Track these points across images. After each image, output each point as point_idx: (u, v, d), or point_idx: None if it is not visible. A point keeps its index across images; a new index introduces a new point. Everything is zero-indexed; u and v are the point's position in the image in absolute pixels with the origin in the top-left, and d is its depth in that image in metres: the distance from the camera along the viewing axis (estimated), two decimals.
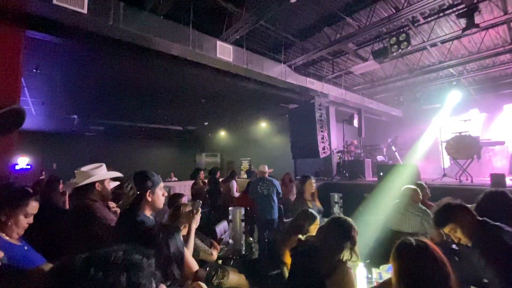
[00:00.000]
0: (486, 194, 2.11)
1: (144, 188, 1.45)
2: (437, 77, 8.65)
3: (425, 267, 1.06)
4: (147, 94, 7.93)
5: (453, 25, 5.58)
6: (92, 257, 0.49)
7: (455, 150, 6.16)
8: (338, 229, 1.63)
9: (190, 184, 8.62)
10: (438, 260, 1.07)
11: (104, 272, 0.46)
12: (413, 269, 1.08)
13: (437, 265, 1.06)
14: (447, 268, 1.05)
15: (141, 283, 0.49)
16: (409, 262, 1.11)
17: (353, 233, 1.61)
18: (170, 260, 1.04)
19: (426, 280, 1.04)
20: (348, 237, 1.58)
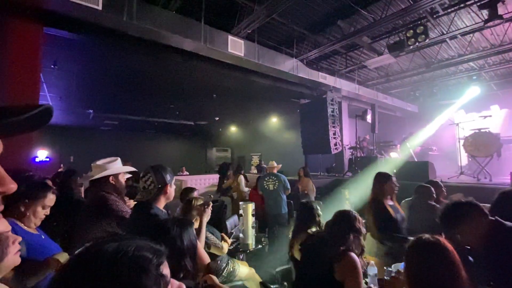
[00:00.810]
0: (501, 194, 2.00)
1: (165, 181, 1.49)
2: (456, 71, 8.30)
3: (435, 264, 1.04)
4: (160, 89, 8.04)
5: (474, 16, 5.32)
6: (100, 250, 0.48)
7: (474, 147, 5.94)
8: (343, 221, 1.71)
9: (201, 178, 8.77)
10: (449, 259, 1.05)
11: (110, 267, 0.45)
12: (424, 266, 1.07)
13: (448, 264, 1.04)
14: (458, 267, 1.03)
15: (146, 284, 0.47)
16: (420, 258, 1.10)
17: (357, 224, 1.69)
18: (183, 253, 1.06)
19: (435, 278, 1.02)
20: (353, 228, 1.67)
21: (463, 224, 1.42)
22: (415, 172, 5.47)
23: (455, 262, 1.04)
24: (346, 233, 1.65)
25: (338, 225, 1.72)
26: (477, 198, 4.01)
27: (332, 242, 1.64)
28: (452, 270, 1.02)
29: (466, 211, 1.44)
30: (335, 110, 7.61)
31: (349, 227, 1.69)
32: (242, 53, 5.36)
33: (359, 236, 1.69)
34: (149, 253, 0.50)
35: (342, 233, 1.66)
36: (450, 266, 1.03)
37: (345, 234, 1.65)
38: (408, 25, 5.46)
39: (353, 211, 1.83)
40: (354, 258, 1.58)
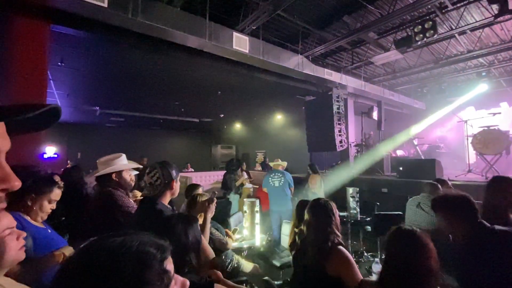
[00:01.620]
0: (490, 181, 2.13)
1: (171, 177, 1.51)
2: (465, 67, 8.13)
3: (410, 252, 1.12)
4: (165, 86, 8.07)
5: (484, 11, 5.19)
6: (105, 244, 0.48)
7: (482, 145, 5.84)
8: (320, 215, 1.68)
9: (206, 175, 8.81)
10: (425, 248, 1.12)
11: (114, 261, 0.45)
12: (399, 253, 1.16)
13: (421, 252, 1.11)
14: (430, 256, 1.10)
15: (149, 279, 0.47)
16: (397, 247, 1.18)
17: (334, 214, 1.68)
18: (188, 249, 1.07)
19: (411, 265, 1.10)
20: (331, 219, 1.65)
21: (452, 216, 1.45)
22: (421, 170, 5.41)
23: (428, 251, 1.11)
24: (327, 226, 1.64)
25: (316, 219, 1.68)
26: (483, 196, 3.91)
27: (316, 242, 1.62)
28: (425, 258, 1.10)
29: (457, 205, 1.46)
30: (341, 107, 7.54)
31: (328, 219, 1.66)
32: (247, 49, 5.34)
33: (337, 225, 1.68)
34: (153, 248, 0.50)
35: (322, 228, 1.63)
36: (423, 255, 1.11)
37: (326, 228, 1.63)
38: (416, 20, 5.36)
39: (326, 199, 1.82)
40: (343, 251, 1.57)
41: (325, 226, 1.65)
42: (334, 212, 1.72)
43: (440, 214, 1.49)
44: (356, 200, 4.23)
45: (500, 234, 1.30)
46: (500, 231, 1.31)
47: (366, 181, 6.25)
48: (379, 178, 6.35)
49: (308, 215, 1.75)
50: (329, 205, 1.75)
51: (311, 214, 1.73)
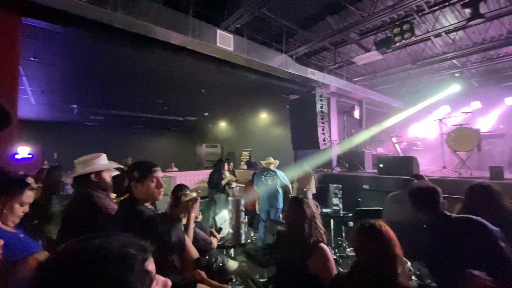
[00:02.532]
0: (469, 188, 2.22)
1: (131, 178, 1.45)
2: (440, 68, 8.53)
3: (373, 242, 1.23)
4: (147, 84, 7.87)
5: (458, 15, 5.46)
6: (84, 247, 0.47)
7: (455, 142, 6.17)
8: (297, 212, 1.70)
9: (191, 174, 8.70)
10: (388, 239, 1.23)
11: (92, 264, 0.44)
12: (362, 246, 1.28)
13: (387, 243, 1.22)
14: (392, 244, 1.22)
15: (130, 281, 0.46)
16: (359, 239, 1.30)
17: (312, 210, 1.70)
18: (171, 249, 1.05)
19: (378, 255, 1.20)
20: (309, 216, 1.67)
21: (418, 205, 1.66)
22: (400, 167, 5.64)
23: (391, 241, 1.23)
24: (307, 223, 1.65)
25: (296, 217, 1.70)
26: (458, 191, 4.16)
27: (296, 239, 1.63)
28: (389, 247, 1.21)
29: (423, 195, 1.65)
30: (324, 106, 7.69)
31: (307, 216, 1.67)
32: (231, 47, 5.31)
33: (317, 222, 1.69)
34: (133, 249, 0.49)
35: (302, 226, 1.65)
36: (387, 244, 1.22)
37: (306, 225, 1.64)
38: (395, 22, 5.55)
39: (304, 196, 1.82)
40: (324, 249, 1.58)
41: (305, 224, 1.65)
42: (314, 209, 1.74)
43: (411, 203, 1.69)
44: (338, 196, 4.34)
45: (457, 220, 1.49)
46: (457, 218, 1.51)
47: (348, 178, 6.43)
48: (360, 175, 6.54)
49: (288, 213, 1.77)
50: (308, 202, 1.76)
51: (291, 212, 1.75)
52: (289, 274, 1.67)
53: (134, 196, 1.42)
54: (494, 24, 5.83)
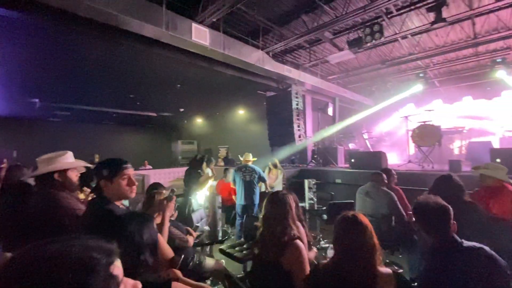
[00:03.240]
0: (437, 179, 2.42)
1: (100, 177, 1.38)
2: (406, 68, 9.08)
3: (357, 235, 1.28)
4: (118, 78, 7.49)
5: (422, 18, 5.83)
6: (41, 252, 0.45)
7: (419, 138, 6.63)
8: (277, 207, 1.69)
9: (166, 172, 8.47)
10: (367, 229, 1.29)
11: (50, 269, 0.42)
12: (345, 236, 1.31)
13: (366, 233, 1.28)
14: (370, 235, 1.28)
15: (94, 285, 0.44)
16: (342, 231, 1.33)
17: (288, 206, 1.69)
18: (142, 248, 1.02)
19: (358, 245, 1.26)
20: (289, 213, 1.67)
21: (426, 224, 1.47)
22: (370, 161, 5.95)
23: (370, 231, 1.28)
24: (284, 219, 1.65)
25: (272, 213, 1.69)
26: (421, 183, 4.47)
27: (272, 235, 1.62)
28: (368, 237, 1.27)
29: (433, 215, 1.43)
30: (300, 103, 7.85)
31: (284, 212, 1.67)
32: (207, 42, 5.20)
33: (294, 218, 1.69)
34: (96, 253, 0.48)
35: (279, 222, 1.64)
36: (367, 235, 1.27)
37: (283, 221, 1.64)
38: (366, 23, 5.80)
39: (285, 191, 1.80)
40: (299, 246, 1.56)
41: (281, 220, 1.65)
42: (292, 205, 1.72)
43: (416, 219, 1.50)
44: (313, 191, 4.48)
45: (468, 249, 1.29)
46: (468, 247, 1.31)
47: (322, 173, 6.65)
48: (333, 170, 6.80)
49: (266, 208, 1.75)
50: (287, 197, 1.74)
51: (268, 207, 1.73)
52: (264, 270, 1.68)
53: (103, 195, 1.35)
54: (454, 28, 6.30)
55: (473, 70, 9.07)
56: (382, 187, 3.17)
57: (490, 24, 6.10)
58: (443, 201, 1.46)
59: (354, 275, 1.22)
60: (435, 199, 1.47)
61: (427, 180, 4.65)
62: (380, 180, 3.23)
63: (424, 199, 1.50)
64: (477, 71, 8.94)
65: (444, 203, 1.43)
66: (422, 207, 1.46)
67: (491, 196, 2.52)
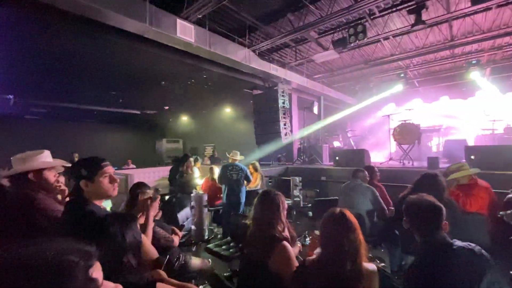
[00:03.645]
0: (421, 176, 2.51)
1: (78, 177, 1.33)
2: (388, 69, 9.36)
3: (344, 230, 1.30)
4: (99, 74, 7.23)
5: (404, 20, 6.02)
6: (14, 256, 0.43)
7: (400, 136, 6.87)
8: (265, 206, 1.70)
9: (150, 171, 8.27)
10: (354, 225, 1.31)
11: (25, 274, 0.41)
12: (333, 233, 1.32)
13: (353, 229, 1.30)
14: (357, 232, 1.30)
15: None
16: (330, 227, 1.35)
17: (277, 206, 1.70)
18: (125, 249, 1.00)
19: (346, 240, 1.27)
20: (276, 211, 1.68)
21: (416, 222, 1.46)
22: (354, 159, 6.10)
23: (356, 227, 1.31)
24: (272, 219, 1.65)
25: (261, 212, 1.69)
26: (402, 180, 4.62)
27: (259, 236, 1.63)
28: (355, 232, 1.29)
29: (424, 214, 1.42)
30: (286, 101, 7.91)
31: (273, 213, 1.67)
32: (192, 38, 5.12)
33: (282, 218, 1.69)
34: (74, 256, 0.46)
35: (267, 222, 1.64)
36: (353, 230, 1.30)
37: (271, 221, 1.64)
38: (350, 23, 5.91)
39: (276, 191, 1.80)
40: (286, 247, 1.56)
41: (271, 220, 1.64)
42: (281, 205, 1.72)
43: (408, 218, 1.47)
44: (299, 188, 4.54)
45: (460, 250, 1.29)
46: (459, 248, 1.30)
47: (307, 171, 6.75)
48: (318, 168, 6.92)
49: (256, 208, 1.74)
50: (277, 198, 1.73)
51: (259, 208, 1.73)
52: (252, 270, 1.67)
53: (83, 195, 1.30)
54: (433, 30, 6.56)
55: (450, 71, 9.50)
56: (364, 184, 3.26)
57: (466, 27, 6.40)
58: (436, 200, 1.43)
59: (341, 271, 1.24)
60: (428, 199, 1.44)
61: (407, 177, 4.83)
62: (363, 177, 3.33)
63: (417, 198, 1.47)
64: (453, 72, 9.38)
65: (438, 203, 1.41)
66: (415, 206, 1.43)
67: (467, 193, 2.66)
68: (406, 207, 1.48)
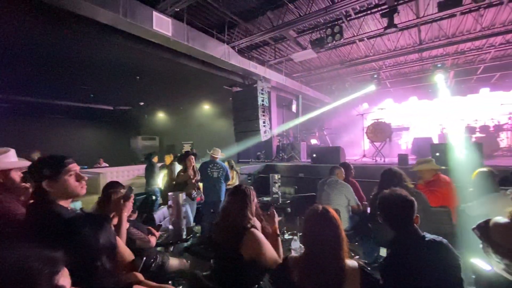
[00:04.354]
0: (382, 172, 2.79)
1: (40, 178, 1.22)
2: (363, 70, 9.75)
3: (325, 228, 1.30)
4: (68, 66, 6.76)
5: (377, 23, 6.29)
6: None
7: (373, 134, 7.20)
8: (237, 200, 1.75)
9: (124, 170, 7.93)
10: (335, 221, 1.32)
11: None
12: (316, 230, 1.33)
13: (335, 225, 1.31)
14: (339, 228, 1.31)
15: None
16: (313, 224, 1.34)
17: (248, 199, 1.75)
18: (98, 252, 0.94)
19: (328, 236, 1.29)
20: (247, 203, 1.73)
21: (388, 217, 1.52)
22: (330, 156, 6.30)
23: (337, 225, 1.31)
24: (244, 211, 1.70)
25: (233, 205, 1.73)
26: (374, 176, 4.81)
27: (231, 227, 1.67)
28: (337, 228, 1.30)
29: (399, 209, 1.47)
30: (265, 99, 7.94)
31: (244, 205, 1.72)
32: (169, 32, 4.96)
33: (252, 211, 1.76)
34: (38, 263, 0.43)
35: (238, 213, 1.69)
36: (336, 226, 1.30)
37: (242, 213, 1.69)
38: (328, 24, 6.06)
39: (246, 185, 1.85)
40: (255, 233, 1.63)
41: (240, 210, 1.70)
42: (251, 198, 1.78)
43: (381, 212, 1.51)
44: (278, 185, 4.60)
45: (430, 242, 1.34)
46: (430, 241, 1.35)
47: (286, 168, 6.85)
48: (296, 165, 7.05)
49: (227, 200, 1.79)
50: (248, 190, 1.80)
51: (230, 200, 1.78)
52: (225, 262, 1.69)
53: (47, 197, 1.20)
54: (404, 34, 6.91)
55: (418, 73, 10.11)
56: (339, 180, 3.37)
57: (433, 32, 6.83)
58: (408, 194, 1.48)
59: (324, 267, 1.24)
60: (400, 193, 1.49)
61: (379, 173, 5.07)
62: (338, 173, 3.44)
63: (390, 193, 1.51)
64: (421, 74, 9.99)
65: (410, 197, 1.45)
66: (388, 201, 1.47)
67: (431, 188, 2.85)
68: (380, 203, 1.52)
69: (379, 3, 5.56)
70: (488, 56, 8.18)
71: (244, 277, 1.68)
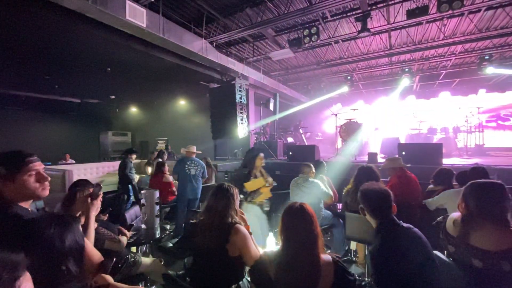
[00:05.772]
0: (359, 168, 2.95)
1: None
2: (337, 71, 10.09)
3: (302, 224, 1.36)
4: (30, 55, 6.21)
5: (351, 27, 6.53)
6: None
7: (346, 134, 7.50)
8: (221, 199, 1.77)
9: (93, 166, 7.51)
10: (312, 218, 1.38)
11: None
12: (291, 224, 1.38)
13: (312, 222, 1.37)
14: (314, 224, 1.37)
15: None
16: (288, 219, 1.40)
17: (232, 197, 1.79)
18: (64, 255, 0.88)
19: (305, 233, 1.34)
20: (230, 201, 1.77)
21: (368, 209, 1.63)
22: (305, 154, 6.46)
23: (312, 221, 1.37)
24: (228, 208, 1.74)
25: (218, 203, 1.76)
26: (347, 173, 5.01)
27: (216, 224, 1.69)
28: (313, 225, 1.36)
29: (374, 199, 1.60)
30: (243, 97, 7.92)
31: (228, 202, 1.76)
32: (143, 23, 4.75)
33: (236, 209, 1.80)
34: None
35: (223, 211, 1.72)
36: (312, 223, 1.36)
37: (227, 210, 1.73)
38: (305, 25, 6.18)
39: (229, 184, 1.88)
40: (240, 229, 1.67)
41: (224, 209, 1.73)
42: (235, 196, 1.82)
43: (363, 203, 1.62)
44: None
45: (406, 229, 1.46)
46: (406, 227, 1.47)
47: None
48: (273, 162, 7.14)
49: (211, 199, 1.80)
50: (231, 189, 1.83)
51: (214, 198, 1.79)
52: (209, 260, 1.69)
53: (3, 197, 1.09)
54: (376, 38, 7.26)
55: (388, 77, 10.69)
56: (310, 178, 3.47)
57: (401, 38, 7.25)
58: (383, 186, 1.63)
59: (301, 263, 1.29)
60: (378, 186, 1.64)
61: (350, 169, 5.31)
62: (308, 171, 3.54)
63: (369, 185, 1.65)
64: (391, 77, 10.57)
65: (386, 189, 1.60)
66: (369, 192, 1.61)
67: (399, 183, 3.05)
68: (362, 195, 1.63)
69: (354, 7, 5.78)
70: (449, 63, 8.88)
71: (225, 276, 1.69)
